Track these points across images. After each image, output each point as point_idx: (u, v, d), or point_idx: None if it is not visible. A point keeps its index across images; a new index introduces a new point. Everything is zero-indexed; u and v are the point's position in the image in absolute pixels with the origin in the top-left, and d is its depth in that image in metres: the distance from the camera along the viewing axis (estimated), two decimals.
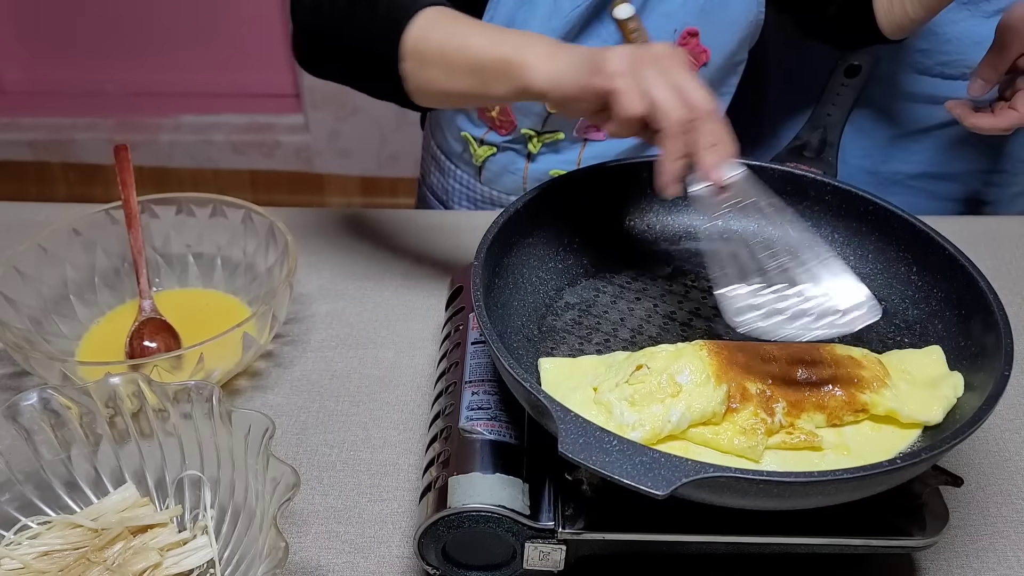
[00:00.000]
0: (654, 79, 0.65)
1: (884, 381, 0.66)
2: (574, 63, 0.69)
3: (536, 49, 0.71)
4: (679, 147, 0.65)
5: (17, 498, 0.68)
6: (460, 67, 0.75)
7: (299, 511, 0.74)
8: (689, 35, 1.01)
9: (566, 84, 0.69)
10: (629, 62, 0.66)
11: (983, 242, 1.05)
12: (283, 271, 0.87)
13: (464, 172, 1.15)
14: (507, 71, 0.72)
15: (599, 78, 0.66)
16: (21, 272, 0.87)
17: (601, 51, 0.68)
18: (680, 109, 0.64)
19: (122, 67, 2.59)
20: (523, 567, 0.64)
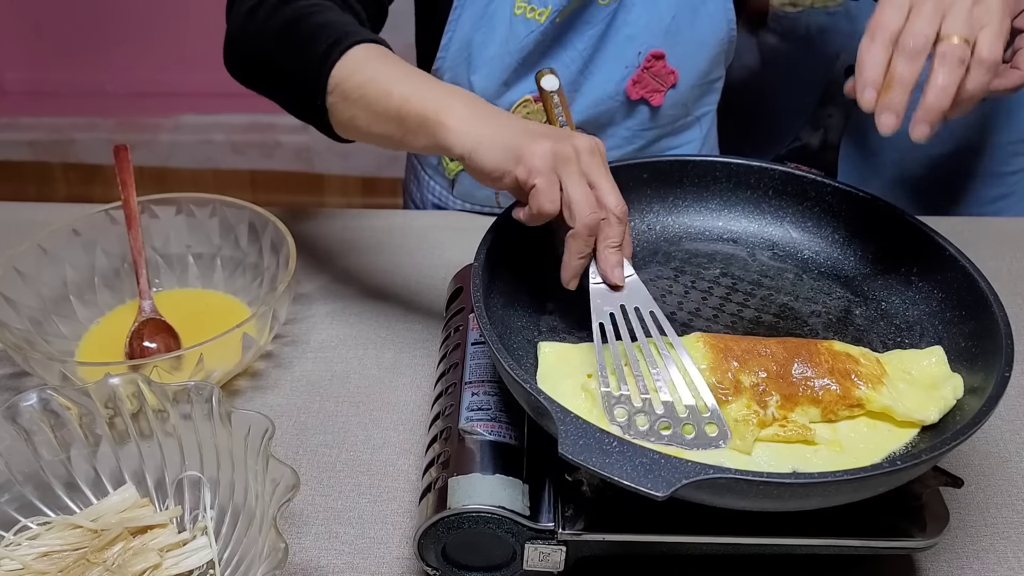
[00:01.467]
0: (571, 179, 0.66)
1: (881, 379, 0.66)
2: (496, 144, 0.67)
3: (457, 111, 0.70)
4: (583, 247, 0.68)
5: (17, 499, 0.68)
6: (381, 113, 0.73)
7: (299, 512, 0.74)
8: (654, 58, 0.99)
9: (486, 162, 0.68)
10: (551, 160, 0.66)
11: (983, 242, 1.05)
12: (283, 271, 0.87)
13: (437, 184, 1.14)
14: (426, 128, 0.71)
15: (520, 169, 0.66)
16: (21, 272, 0.87)
17: (525, 139, 0.67)
18: (591, 214, 0.66)
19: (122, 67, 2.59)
20: (523, 568, 0.64)
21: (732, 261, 0.81)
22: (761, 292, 0.78)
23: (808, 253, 0.82)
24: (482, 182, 0.70)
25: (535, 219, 0.68)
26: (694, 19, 0.99)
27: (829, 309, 0.77)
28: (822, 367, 0.66)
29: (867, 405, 0.66)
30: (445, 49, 1.00)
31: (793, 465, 0.63)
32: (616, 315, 0.68)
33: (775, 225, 0.84)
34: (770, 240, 0.83)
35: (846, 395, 0.65)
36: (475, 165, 0.69)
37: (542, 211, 0.67)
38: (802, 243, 0.83)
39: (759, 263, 0.81)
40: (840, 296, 0.78)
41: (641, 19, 0.98)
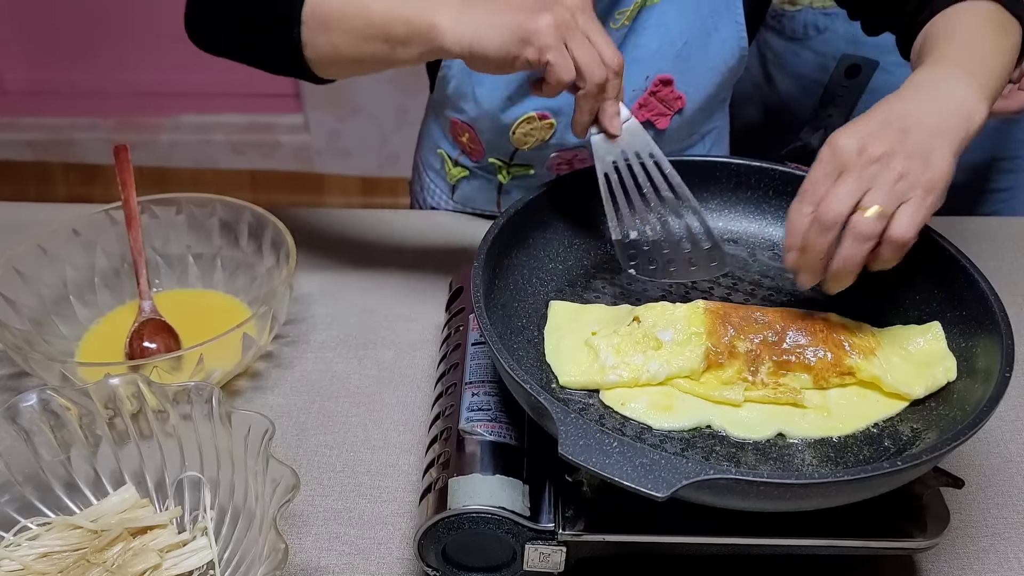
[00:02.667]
0: (577, 44, 0.68)
1: (874, 351, 0.68)
2: (495, 31, 0.68)
3: (445, 9, 0.69)
4: (594, 103, 0.71)
5: (17, 499, 0.68)
6: (363, 31, 0.72)
7: (299, 512, 0.74)
8: (662, 83, 0.98)
9: (489, 52, 0.68)
10: (556, 32, 0.67)
11: (983, 242, 1.05)
12: (283, 271, 0.87)
13: (438, 188, 1.14)
14: (417, 35, 0.70)
15: (530, 51, 0.67)
16: (21, 272, 0.86)
17: (524, 18, 0.67)
18: (599, 71, 0.69)
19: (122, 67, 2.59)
20: (523, 568, 0.64)
21: (732, 261, 0.81)
22: (761, 292, 0.78)
23: None
24: (489, 72, 0.71)
25: (555, 91, 0.70)
26: (706, 45, 0.97)
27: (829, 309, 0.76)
28: (816, 336, 0.69)
29: (857, 374, 0.68)
30: (449, 65, 0.99)
31: (780, 426, 0.65)
32: (618, 162, 0.73)
33: (775, 225, 0.83)
34: (770, 240, 0.83)
35: (837, 363, 0.68)
36: (479, 57, 0.69)
37: (561, 82, 0.69)
38: None
39: (759, 263, 0.81)
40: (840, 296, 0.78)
41: (652, 43, 0.95)
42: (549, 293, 0.77)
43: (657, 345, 0.68)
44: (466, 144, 1.04)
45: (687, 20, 0.95)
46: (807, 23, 1.19)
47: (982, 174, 1.21)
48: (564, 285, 0.78)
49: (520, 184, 1.06)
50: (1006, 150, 1.19)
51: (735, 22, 0.97)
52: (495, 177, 1.06)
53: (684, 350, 0.68)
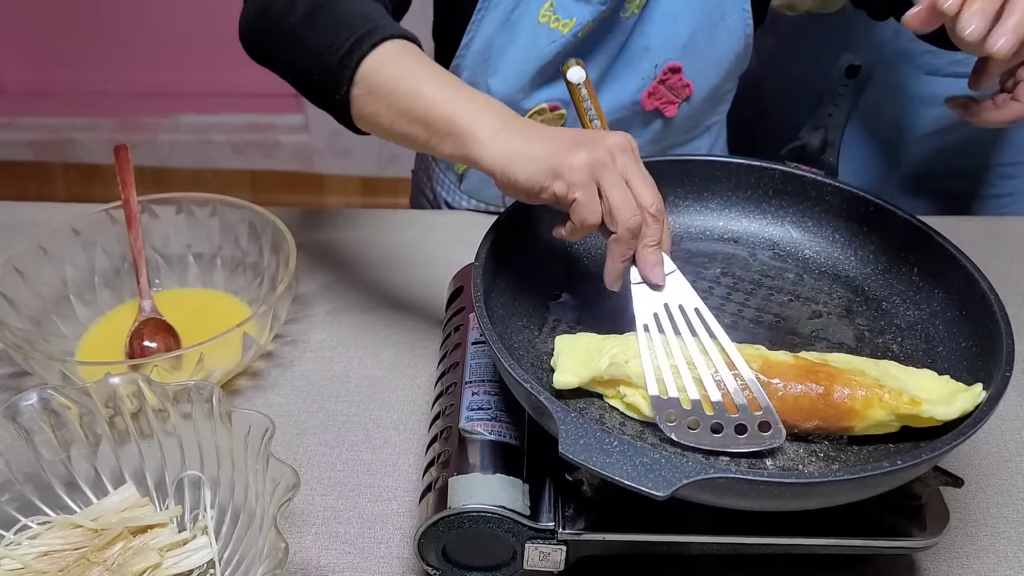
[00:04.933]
0: (610, 185, 0.65)
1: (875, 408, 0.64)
2: (529, 159, 0.66)
3: (489, 123, 0.68)
4: (626, 251, 0.66)
5: (17, 498, 0.68)
6: (408, 114, 0.71)
7: (299, 511, 0.74)
8: (671, 71, 0.99)
9: (520, 178, 0.66)
10: (588, 171, 0.64)
11: (983, 242, 1.05)
12: (283, 271, 0.87)
13: (447, 178, 1.14)
14: (455, 136, 0.69)
15: (558, 185, 0.64)
16: (21, 272, 0.87)
17: (560, 151, 0.65)
18: (632, 217, 0.65)
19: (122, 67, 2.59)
20: (523, 567, 0.64)
21: (733, 261, 0.81)
22: (762, 292, 0.78)
23: (809, 253, 0.82)
24: (515, 196, 0.69)
25: (578, 233, 0.67)
26: (712, 35, 0.98)
27: (830, 309, 0.77)
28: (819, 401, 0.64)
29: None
30: (466, 48, 1.00)
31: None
32: (660, 315, 0.67)
33: (776, 225, 0.84)
34: (771, 240, 0.83)
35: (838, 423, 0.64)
36: (508, 180, 0.67)
37: (585, 224, 0.65)
38: (803, 243, 0.83)
39: (760, 263, 0.81)
40: (841, 296, 0.78)
41: (660, 33, 0.97)
42: (549, 293, 0.77)
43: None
44: None
45: (695, 9, 0.96)
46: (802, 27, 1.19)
47: (983, 179, 1.21)
48: (565, 285, 0.78)
49: None
50: (1007, 155, 1.20)
51: (742, 9, 0.98)
52: None
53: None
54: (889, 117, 1.17)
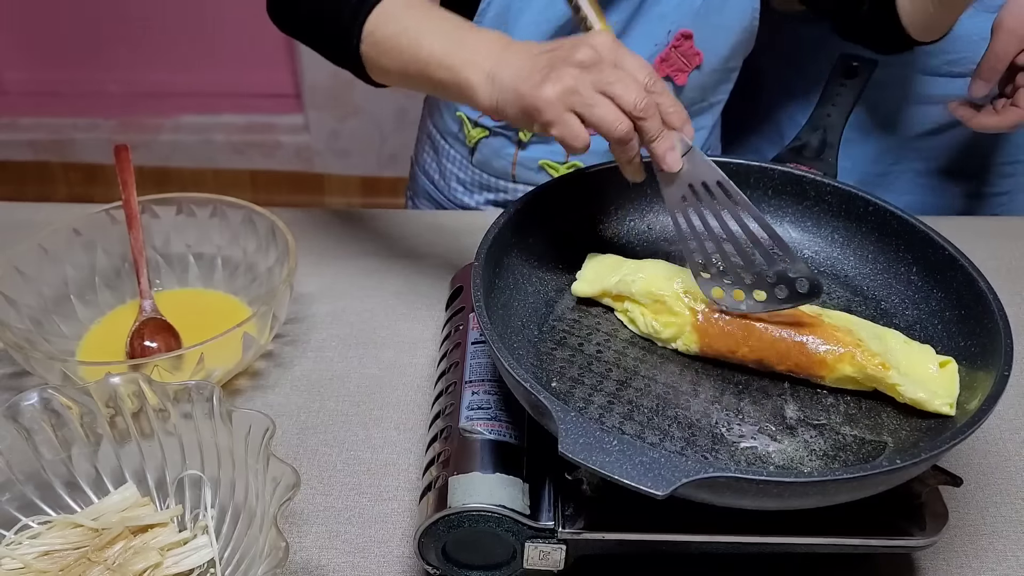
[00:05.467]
0: (584, 107, 0.67)
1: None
2: (514, 100, 0.70)
3: (481, 66, 0.72)
4: (627, 151, 0.69)
5: (18, 498, 0.68)
6: (411, 65, 0.76)
7: (299, 511, 0.74)
8: (683, 37, 1.01)
9: (509, 117, 0.71)
10: (559, 104, 0.67)
11: (983, 242, 1.05)
12: (283, 271, 0.87)
13: (457, 152, 1.15)
14: (454, 88, 0.74)
15: (536, 125, 0.69)
16: (21, 272, 0.87)
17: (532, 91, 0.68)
18: (619, 126, 0.67)
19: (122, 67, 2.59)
20: (523, 567, 0.64)
21: None
22: None
23: (808, 253, 0.82)
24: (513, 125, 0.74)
25: (576, 153, 0.70)
26: (723, 5, 1.01)
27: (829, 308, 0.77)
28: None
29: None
30: (482, 14, 1.01)
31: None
32: (687, 195, 0.71)
33: (775, 225, 0.83)
34: None
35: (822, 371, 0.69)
36: (501, 119, 0.72)
37: (575, 150, 0.69)
38: (802, 243, 0.83)
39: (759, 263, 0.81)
40: (840, 296, 0.78)
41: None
42: (549, 293, 0.78)
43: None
44: None
45: None
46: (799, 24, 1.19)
47: (981, 178, 1.22)
48: (565, 284, 0.78)
49: (540, 140, 1.08)
50: (1005, 154, 1.20)
51: None
52: (516, 134, 1.08)
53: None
54: (885, 115, 1.17)
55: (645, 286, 0.73)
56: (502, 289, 0.74)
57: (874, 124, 1.17)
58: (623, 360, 0.72)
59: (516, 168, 1.11)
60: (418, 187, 1.24)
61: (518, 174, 1.12)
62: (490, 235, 0.73)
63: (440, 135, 1.17)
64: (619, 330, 0.75)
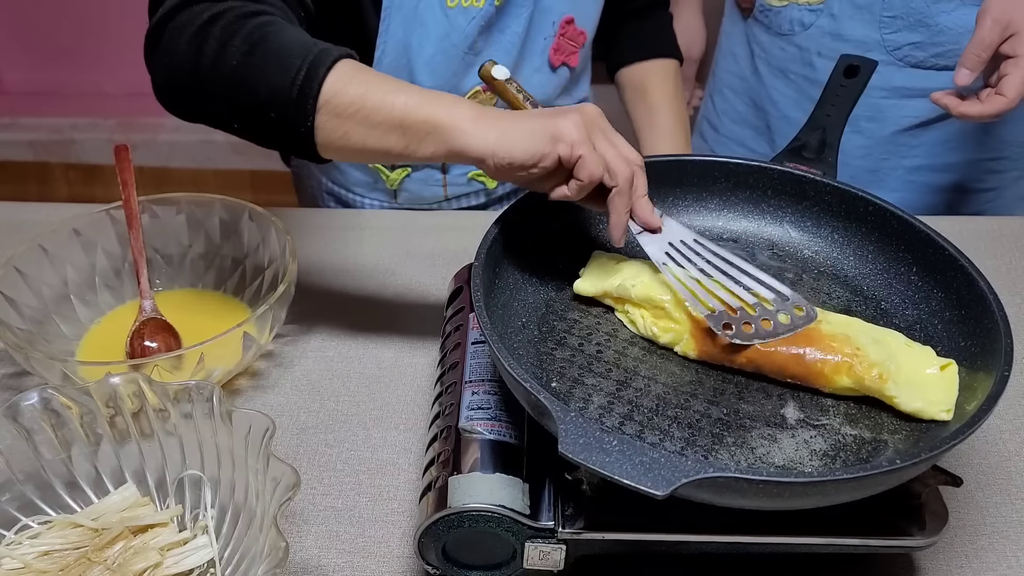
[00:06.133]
0: (602, 143, 0.70)
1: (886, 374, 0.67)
2: (521, 134, 0.68)
3: (465, 114, 0.70)
4: (628, 201, 0.71)
5: (18, 498, 0.68)
6: (382, 125, 0.71)
7: (299, 511, 0.74)
8: (567, 23, 1.06)
9: (516, 152, 0.68)
10: (585, 131, 0.68)
11: (983, 242, 1.05)
12: (284, 271, 0.87)
13: (374, 200, 1.16)
14: (436, 134, 0.70)
15: (561, 147, 0.68)
16: (22, 272, 0.87)
17: (550, 120, 0.68)
18: (627, 169, 0.70)
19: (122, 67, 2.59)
20: (523, 567, 0.64)
21: None
22: None
23: (808, 253, 0.82)
24: (509, 176, 0.70)
25: (584, 189, 0.70)
26: None
27: (829, 309, 0.77)
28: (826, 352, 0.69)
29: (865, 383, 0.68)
30: (379, 62, 1.01)
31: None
32: (670, 251, 0.73)
33: (774, 225, 0.84)
34: (769, 240, 0.83)
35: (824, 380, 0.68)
36: (502, 160, 0.68)
37: (592, 178, 0.69)
38: (801, 243, 0.83)
39: (759, 263, 0.81)
40: (840, 296, 0.78)
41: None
42: (549, 293, 0.78)
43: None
44: None
45: None
46: (792, 19, 1.20)
47: (968, 174, 1.22)
48: (564, 284, 0.78)
49: None
50: (991, 150, 1.20)
51: None
52: None
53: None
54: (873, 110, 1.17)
55: (645, 291, 0.73)
56: (502, 289, 0.74)
57: (863, 119, 1.18)
58: (623, 360, 0.72)
59: (447, 188, 1.14)
60: None
61: (450, 193, 1.15)
62: (490, 235, 0.73)
63: (345, 190, 1.17)
64: (619, 330, 0.75)
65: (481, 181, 1.13)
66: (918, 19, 1.10)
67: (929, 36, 1.11)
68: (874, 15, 1.12)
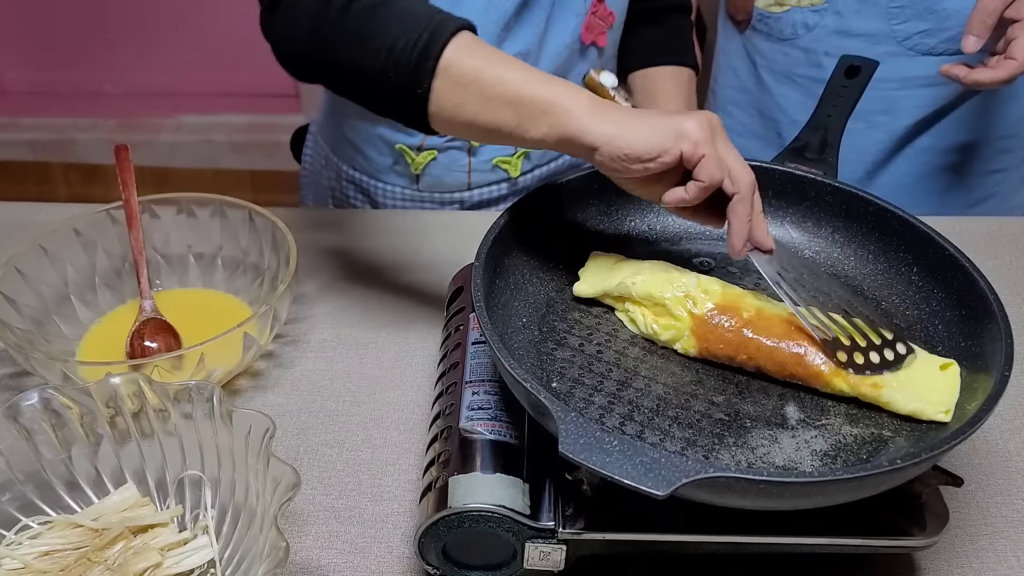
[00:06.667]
0: (725, 147, 0.68)
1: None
2: (642, 127, 0.67)
3: (583, 101, 0.69)
4: (750, 209, 0.69)
5: (18, 498, 0.68)
6: (498, 99, 0.70)
7: (299, 511, 0.74)
8: (597, 2, 1.06)
9: (636, 144, 0.66)
10: (708, 131, 0.67)
11: (983, 242, 1.05)
12: (284, 271, 0.87)
13: (395, 185, 1.15)
14: (552, 115, 0.69)
15: (685, 144, 0.66)
16: (22, 272, 0.87)
17: (676, 116, 0.67)
18: (748, 176, 0.68)
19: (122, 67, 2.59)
20: (523, 567, 0.64)
21: (732, 261, 0.81)
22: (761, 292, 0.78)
23: (808, 253, 0.82)
24: (622, 169, 0.68)
25: (704, 192, 0.68)
26: None
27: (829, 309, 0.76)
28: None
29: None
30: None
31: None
32: (783, 273, 0.71)
33: (775, 225, 0.84)
34: None
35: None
36: (618, 150, 0.67)
37: (713, 180, 0.67)
38: (802, 243, 0.83)
39: None
40: (840, 296, 0.78)
41: None
42: (549, 293, 0.78)
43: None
44: None
45: None
46: (795, 23, 1.19)
47: (977, 154, 1.21)
48: (565, 285, 0.78)
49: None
50: (1002, 127, 1.19)
51: None
52: (466, 141, 1.09)
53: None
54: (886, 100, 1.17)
55: (645, 289, 0.73)
56: (502, 289, 0.74)
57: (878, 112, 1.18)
58: (623, 360, 0.72)
59: (472, 175, 1.13)
60: None
61: (474, 180, 1.13)
62: (490, 235, 0.73)
63: (367, 176, 1.16)
64: (619, 330, 0.75)
65: (505, 169, 1.12)
66: (925, 6, 1.10)
67: (937, 22, 1.11)
68: (881, 7, 1.12)
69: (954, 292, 0.72)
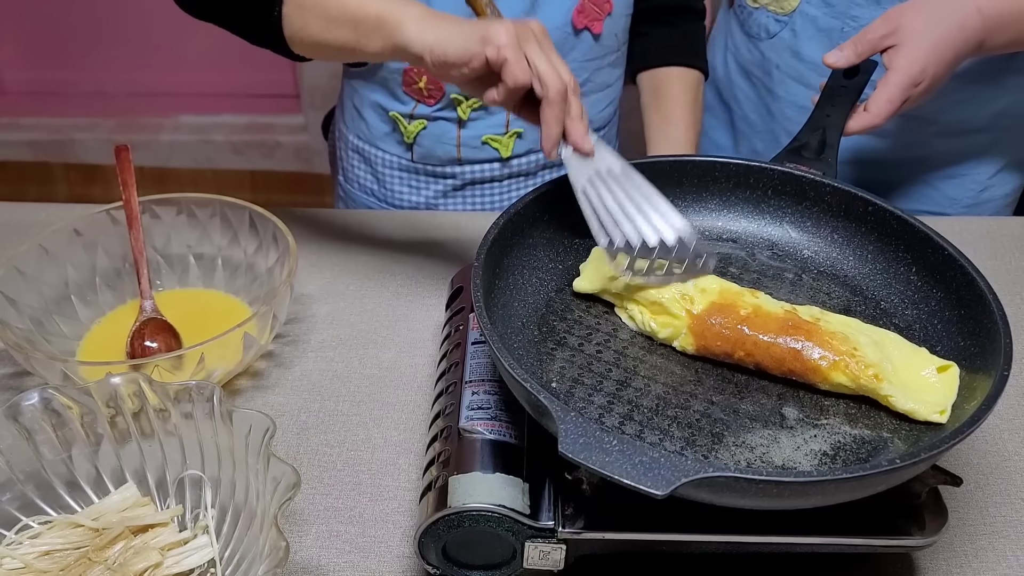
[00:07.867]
0: (535, 53, 0.72)
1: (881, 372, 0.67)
2: (456, 34, 0.72)
3: (412, 12, 0.75)
4: (559, 113, 0.72)
5: (18, 498, 0.68)
6: (337, 18, 0.78)
7: (300, 511, 0.74)
8: None
9: (449, 52, 0.72)
10: (515, 36, 0.71)
11: (983, 242, 1.06)
12: (284, 271, 0.87)
13: (393, 154, 1.16)
14: (383, 28, 0.76)
15: (489, 49, 0.71)
16: (22, 272, 0.87)
17: (485, 23, 0.72)
18: (558, 81, 0.72)
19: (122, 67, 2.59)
20: (523, 566, 0.64)
21: (731, 261, 0.81)
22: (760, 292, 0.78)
23: (807, 253, 0.82)
24: (445, 75, 0.74)
25: (512, 94, 0.72)
26: None
27: (828, 309, 0.77)
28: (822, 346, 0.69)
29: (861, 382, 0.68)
30: None
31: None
32: (592, 177, 0.74)
33: (774, 225, 0.84)
34: (769, 240, 0.83)
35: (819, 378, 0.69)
36: (438, 58, 0.73)
37: (518, 82, 0.71)
38: (801, 243, 0.83)
39: (758, 263, 0.81)
40: (839, 296, 0.78)
41: None
42: (549, 293, 0.78)
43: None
44: (423, 89, 1.08)
45: None
46: (761, 24, 1.19)
47: (1001, 134, 1.19)
48: (564, 284, 0.78)
49: (481, 115, 1.11)
50: (1013, 107, 1.17)
51: None
52: (455, 113, 1.10)
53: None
54: None
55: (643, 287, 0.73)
56: (502, 289, 0.74)
57: None
58: (623, 360, 0.72)
59: (461, 149, 1.13)
60: (357, 207, 1.24)
61: (463, 155, 1.14)
62: (490, 235, 0.73)
63: (368, 144, 1.17)
64: (619, 330, 0.75)
65: (495, 148, 1.13)
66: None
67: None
68: (832, 41, 1.10)
69: (953, 292, 0.72)
